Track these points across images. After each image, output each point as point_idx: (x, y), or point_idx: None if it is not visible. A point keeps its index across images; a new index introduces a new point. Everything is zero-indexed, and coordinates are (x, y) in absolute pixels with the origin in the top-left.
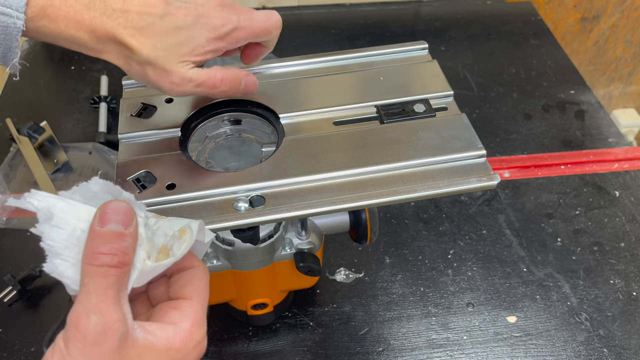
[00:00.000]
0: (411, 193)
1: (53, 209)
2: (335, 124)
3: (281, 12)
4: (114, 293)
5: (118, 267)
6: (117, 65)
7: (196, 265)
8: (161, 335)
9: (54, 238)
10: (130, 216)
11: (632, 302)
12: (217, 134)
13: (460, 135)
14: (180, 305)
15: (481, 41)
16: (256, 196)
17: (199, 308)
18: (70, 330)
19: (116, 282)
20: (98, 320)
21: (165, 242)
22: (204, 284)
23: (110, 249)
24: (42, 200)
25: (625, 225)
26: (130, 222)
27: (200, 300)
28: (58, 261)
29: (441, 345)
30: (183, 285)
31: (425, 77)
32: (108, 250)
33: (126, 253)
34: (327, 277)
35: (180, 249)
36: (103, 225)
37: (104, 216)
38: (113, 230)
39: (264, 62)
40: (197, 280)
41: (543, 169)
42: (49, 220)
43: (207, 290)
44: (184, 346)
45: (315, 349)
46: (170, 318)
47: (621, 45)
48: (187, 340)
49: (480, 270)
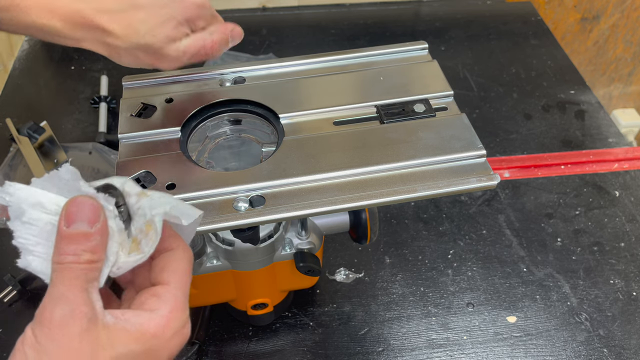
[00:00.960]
0: (411, 193)
1: (24, 204)
2: (335, 124)
3: (281, 12)
4: (82, 283)
5: (87, 264)
6: (114, 64)
7: (174, 247)
8: (135, 321)
9: (25, 235)
10: (97, 213)
11: (632, 302)
12: (217, 134)
13: (460, 135)
14: (158, 291)
15: (481, 41)
16: (256, 196)
17: (179, 294)
18: (37, 318)
19: (84, 275)
20: (64, 305)
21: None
22: (183, 267)
23: (76, 250)
24: (14, 194)
25: (625, 225)
26: (97, 219)
27: (179, 285)
28: (31, 257)
29: (441, 345)
30: (161, 270)
31: (425, 77)
32: (73, 252)
33: (94, 251)
34: (327, 277)
35: (147, 246)
36: (69, 224)
37: (69, 215)
38: (79, 231)
39: (264, 62)
40: (176, 263)
41: (543, 169)
42: (20, 216)
43: (187, 274)
44: (161, 333)
45: (315, 349)
46: (149, 305)
47: (621, 45)
48: (164, 326)
49: (480, 270)
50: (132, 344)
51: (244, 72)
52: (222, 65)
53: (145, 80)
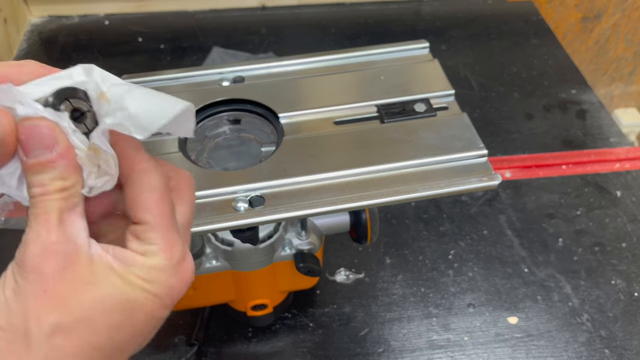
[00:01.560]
0: (412, 193)
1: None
2: (336, 123)
3: (281, 11)
4: (56, 216)
5: (58, 192)
6: (114, 64)
7: (138, 170)
8: (124, 256)
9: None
10: (52, 135)
11: (633, 303)
12: (217, 133)
13: (461, 135)
14: (138, 231)
15: (482, 40)
16: (256, 196)
17: (164, 231)
18: (15, 259)
19: (57, 205)
20: (36, 245)
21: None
22: (156, 196)
23: (42, 180)
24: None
25: (627, 225)
26: (55, 142)
27: (160, 220)
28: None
29: (442, 346)
30: (133, 205)
31: (426, 77)
32: (39, 183)
33: (64, 177)
34: (327, 278)
35: (108, 166)
36: (27, 155)
37: (24, 144)
38: (38, 160)
39: (264, 61)
40: (148, 194)
41: (544, 169)
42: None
43: (165, 201)
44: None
45: (315, 350)
46: (135, 249)
47: (622, 44)
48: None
49: (481, 270)
50: (117, 280)
51: (244, 72)
52: (222, 65)
53: (144, 80)
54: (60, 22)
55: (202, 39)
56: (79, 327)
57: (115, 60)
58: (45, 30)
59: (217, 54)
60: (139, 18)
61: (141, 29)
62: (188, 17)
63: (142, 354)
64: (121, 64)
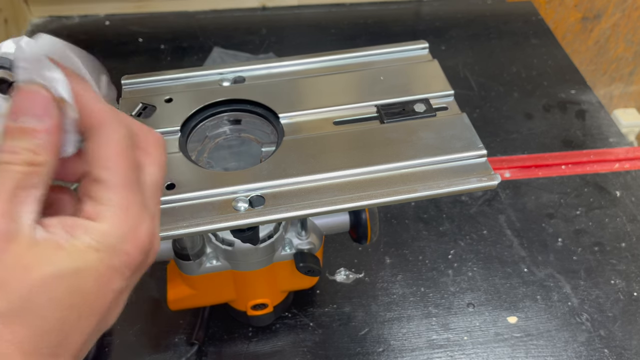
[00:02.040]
0: (411, 193)
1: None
2: (335, 123)
3: (281, 11)
4: (9, 189)
5: (24, 165)
6: (113, 64)
7: (96, 123)
8: (77, 224)
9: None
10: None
11: (633, 303)
12: (217, 133)
13: (461, 135)
14: (92, 191)
15: (482, 41)
16: (256, 196)
17: (120, 190)
18: None
19: (15, 179)
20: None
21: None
22: (113, 151)
23: (15, 147)
24: None
25: (626, 225)
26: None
27: (116, 178)
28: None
29: (442, 346)
30: (89, 163)
31: (425, 77)
32: (11, 149)
33: (37, 152)
34: (327, 278)
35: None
36: (15, 118)
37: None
38: (21, 126)
39: (264, 62)
40: (104, 149)
41: (544, 169)
42: None
43: (124, 157)
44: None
45: (315, 350)
46: (88, 213)
47: (622, 44)
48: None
49: (480, 270)
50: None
51: (244, 72)
52: (222, 65)
53: (144, 80)
54: (61, 22)
55: (203, 40)
56: (21, 314)
57: (116, 61)
58: (45, 30)
59: (218, 55)
60: (139, 18)
61: (141, 29)
62: (188, 18)
63: (142, 354)
64: (121, 64)
